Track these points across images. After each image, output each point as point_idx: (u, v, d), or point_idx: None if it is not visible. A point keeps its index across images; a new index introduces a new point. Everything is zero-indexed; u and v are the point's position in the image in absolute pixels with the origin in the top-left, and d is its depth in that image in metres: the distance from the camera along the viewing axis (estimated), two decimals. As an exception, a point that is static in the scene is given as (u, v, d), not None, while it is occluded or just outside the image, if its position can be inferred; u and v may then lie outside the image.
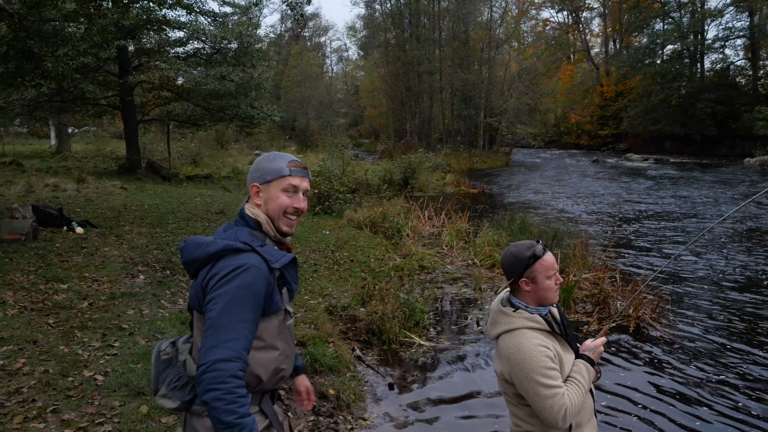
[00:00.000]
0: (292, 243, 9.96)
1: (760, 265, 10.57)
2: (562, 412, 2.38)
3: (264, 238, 1.98)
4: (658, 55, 50.19)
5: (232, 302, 1.74)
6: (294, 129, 48.68)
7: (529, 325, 2.52)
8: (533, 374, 2.41)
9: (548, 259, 2.55)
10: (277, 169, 2.03)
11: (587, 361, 2.59)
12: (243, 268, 1.79)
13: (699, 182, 25.36)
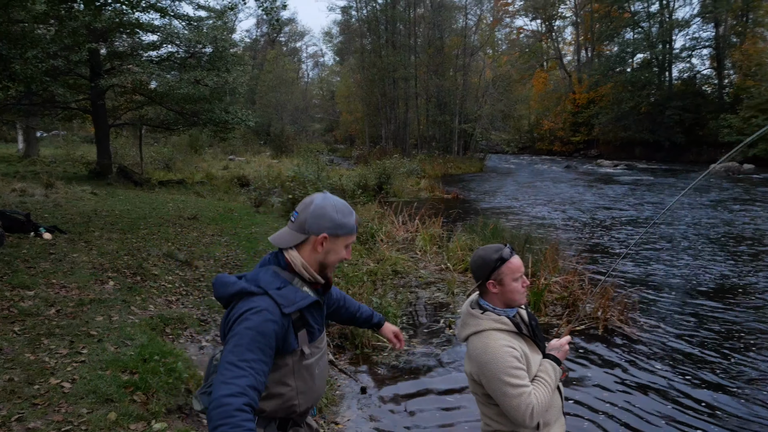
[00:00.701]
0: (266, 248, 9.93)
1: (729, 269, 10.80)
2: (529, 411, 2.43)
3: (291, 278, 2.07)
4: (628, 64, 51.12)
5: (240, 342, 1.85)
6: (269, 134, 48.46)
7: (496, 327, 2.56)
8: (500, 374, 2.45)
9: (515, 262, 2.60)
10: (350, 227, 2.14)
11: (553, 360, 2.64)
12: (253, 311, 1.90)
13: (667, 188, 25.84)
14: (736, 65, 43.82)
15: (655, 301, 8.70)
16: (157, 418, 3.91)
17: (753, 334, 7.26)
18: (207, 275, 8.00)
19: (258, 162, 32.02)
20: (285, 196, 14.55)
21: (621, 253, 7.03)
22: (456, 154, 41.10)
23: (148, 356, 4.67)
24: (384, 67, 43.15)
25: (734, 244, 13.04)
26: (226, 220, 12.66)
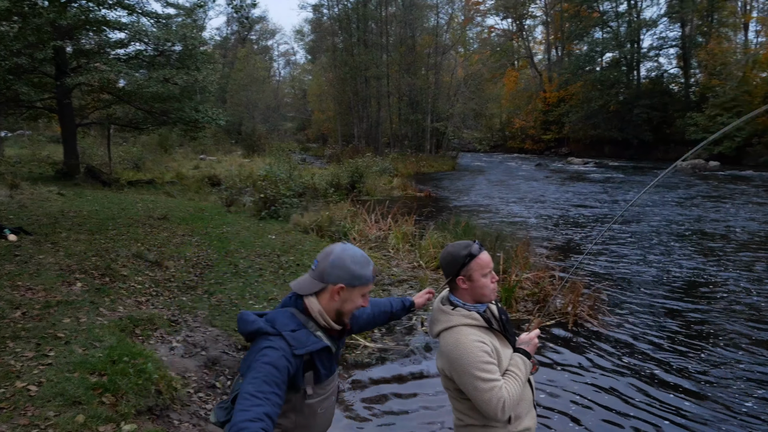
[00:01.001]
0: (238, 247, 9.88)
1: (696, 265, 11.04)
2: (500, 405, 2.46)
3: (306, 321, 2.23)
4: (597, 63, 51.85)
5: (258, 375, 2.01)
6: (240, 133, 48.05)
7: (466, 322, 2.59)
8: (471, 369, 2.48)
9: (484, 257, 2.63)
10: (367, 277, 2.27)
11: (524, 354, 2.68)
12: (270, 348, 2.07)
13: (636, 185, 26.29)
14: (701, 64, 44.74)
15: (625, 297, 8.86)
16: (127, 420, 3.87)
17: (718, 330, 7.44)
18: (177, 275, 7.92)
19: (229, 161, 31.73)
20: (257, 196, 14.45)
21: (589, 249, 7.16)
22: (428, 152, 41.25)
23: (117, 358, 4.61)
24: (356, 66, 43.09)
25: (702, 241, 13.33)
26: (196, 219, 12.54)
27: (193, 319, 6.22)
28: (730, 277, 9.93)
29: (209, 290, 7.42)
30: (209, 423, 4.44)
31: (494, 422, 2.60)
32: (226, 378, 5.25)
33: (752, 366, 6.25)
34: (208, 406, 4.75)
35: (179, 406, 4.48)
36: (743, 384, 5.82)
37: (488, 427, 2.62)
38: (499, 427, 2.61)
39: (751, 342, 6.92)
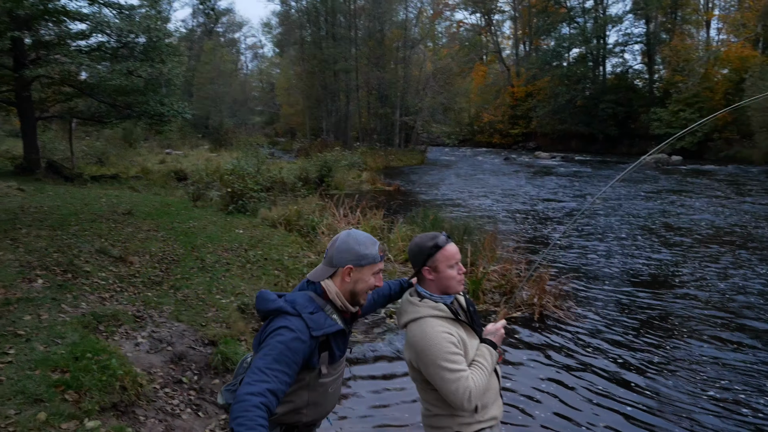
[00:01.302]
0: (204, 242, 9.77)
1: (661, 258, 11.29)
2: (467, 395, 2.49)
3: (324, 305, 2.33)
4: (564, 58, 52.54)
5: (270, 353, 2.10)
6: (207, 127, 47.43)
7: (433, 314, 2.61)
8: (437, 360, 2.51)
9: (450, 249, 2.65)
10: (373, 256, 2.39)
11: (490, 344, 2.71)
12: (286, 328, 2.16)
13: (602, 179, 26.74)
14: (665, 61, 45.63)
15: (590, 289, 9.02)
16: (90, 417, 3.82)
17: (681, 321, 7.63)
18: (142, 271, 7.80)
19: (196, 155, 31.29)
20: (224, 190, 14.29)
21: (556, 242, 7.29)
22: (397, 146, 41.30)
23: (80, 354, 4.53)
24: (324, 59, 42.88)
25: (666, 234, 13.63)
26: (162, 214, 12.36)
27: (158, 315, 6.14)
28: (693, 270, 10.18)
29: (175, 285, 7.33)
30: (174, 418, 4.41)
31: (461, 412, 2.63)
32: (193, 373, 5.20)
33: (714, 357, 6.43)
34: (174, 401, 4.70)
35: (145, 402, 4.42)
36: (705, 374, 5.99)
37: (455, 417, 2.65)
38: (466, 416, 2.65)
39: (714, 333, 7.11)
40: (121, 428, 3.82)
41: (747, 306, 8.16)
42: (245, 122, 57.26)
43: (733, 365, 6.15)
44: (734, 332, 7.12)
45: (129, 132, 31.80)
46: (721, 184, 23.74)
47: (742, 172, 28.86)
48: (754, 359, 6.30)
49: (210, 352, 5.51)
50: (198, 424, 4.54)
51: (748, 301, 8.35)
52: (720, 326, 7.33)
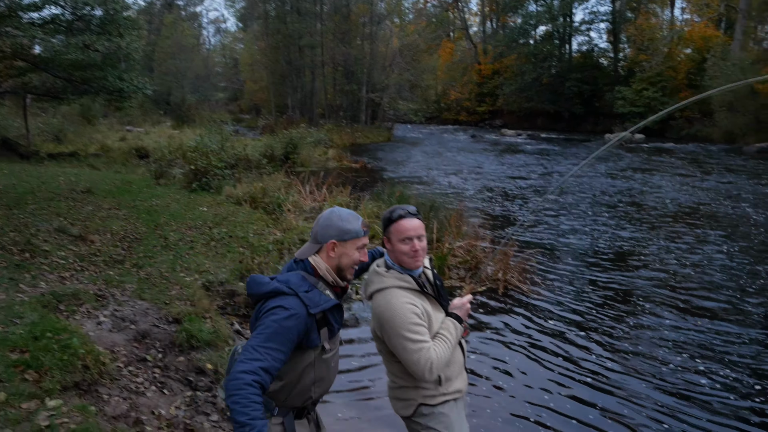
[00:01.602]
0: (168, 220, 9.62)
1: (625, 235, 11.52)
2: (428, 365, 2.51)
3: (317, 282, 2.37)
4: (531, 36, 52.72)
5: (264, 332, 2.14)
6: (169, 103, 46.37)
7: (398, 285, 2.63)
8: (400, 330, 2.52)
9: (403, 223, 2.63)
10: (356, 230, 2.42)
11: (455, 318, 2.73)
12: (280, 307, 2.20)
13: (567, 157, 27.08)
14: (630, 39, 46.15)
15: (555, 264, 9.18)
16: (52, 396, 3.75)
17: (644, 297, 7.82)
18: (104, 250, 7.65)
19: (158, 133, 30.63)
20: (187, 168, 14.06)
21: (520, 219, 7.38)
22: (364, 123, 41.05)
23: (39, 334, 4.43)
24: (289, 34, 42.14)
25: (630, 211, 13.91)
26: (123, 192, 12.11)
27: (121, 294, 6.04)
28: (656, 247, 10.43)
29: (138, 264, 7.21)
30: (139, 396, 4.36)
31: (425, 384, 2.66)
32: (157, 351, 5.14)
33: (676, 329, 6.62)
34: (138, 379, 4.65)
35: (108, 381, 4.36)
36: (666, 346, 6.16)
37: (419, 389, 2.68)
38: (431, 388, 2.67)
39: (675, 307, 7.32)
40: (84, 407, 3.76)
41: (708, 282, 8.41)
42: (208, 98, 56.11)
43: (694, 338, 6.34)
44: (695, 307, 7.34)
45: (87, 108, 30.88)
46: (683, 162, 24.28)
47: (703, 151, 29.54)
48: (713, 332, 6.51)
49: (174, 329, 5.45)
50: (163, 401, 4.50)
51: (709, 277, 8.61)
52: (681, 301, 7.55)
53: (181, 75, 47.85)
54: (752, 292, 7.85)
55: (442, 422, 2.68)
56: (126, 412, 4.05)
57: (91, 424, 3.52)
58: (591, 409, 4.85)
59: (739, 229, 11.84)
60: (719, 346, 6.09)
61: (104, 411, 3.93)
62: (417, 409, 2.69)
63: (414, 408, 2.70)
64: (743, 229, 11.85)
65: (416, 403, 2.69)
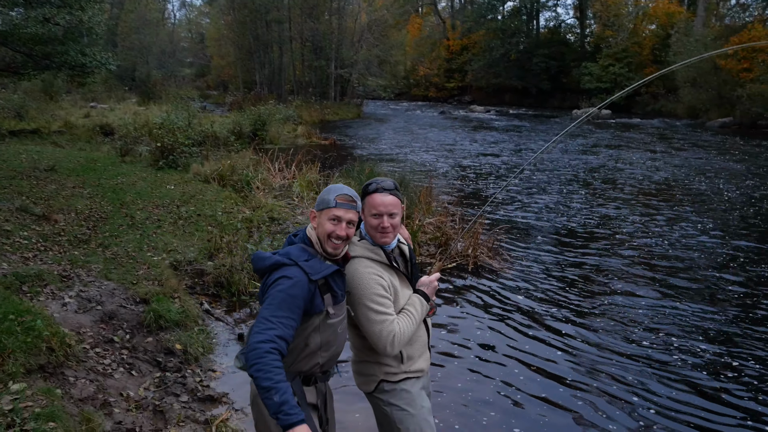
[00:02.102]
0: (134, 199, 9.46)
1: (594, 211, 11.68)
2: (390, 338, 2.52)
3: (315, 253, 2.49)
4: (499, 11, 52.60)
5: (273, 302, 2.27)
6: (134, 79, 45.30)
7: (368, 255, 2.63)
8: (365, 300, 2.54)
9: (375, 198, 2.61)
10: (326, 200, 2.49)
11: (422, 295, 2.75)
12: (284, 277, 2.32)
13: (534, 132, 27.27)
14: (596, 15, 46.39)
15: (526, 241, 9.29)
16: (15, 379, 3.68)
17: (613, 272, 7.97)
18: (68, 229, 7.50)
19: (123, 109, 29.89)
20: (153, 145, 13.79)
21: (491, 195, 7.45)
22: (333, 100, 40.71)
23: (1, 316, 4.33)
24: (256, 9, 41.36)
25: (598, 187, 14.10)
26: (88, 171, 11.86)
27: (86, 274, 5.94)
28: (626, 222, 10.62)
29: (104, 243, 7.09)
30: (106, 378, 4.32)
31: (387, 359, 2.67)
32: (125, 332, 5.09)
33: (646, 307, 6.76)
34: (106, 361, 4.60)
35: (75, 363, 4.30)
36: (636, 323, 6.30)
37: (382, 365, 2.70)
38: (393, 365, 2.69)
39: (645, 284, 7.47)
40: (49, 390, 3.71)
41: (677, 257, 8.60)
42: (174, 74, 54.96)
43: (665, 314, 6.49)
44: (665, 284, 7.50)
45: (49, 84, 29.99)
46: (651, 138, 24.68)
47: (668, 126, 30.02)
48: (683, 309, 6.67)
49: (142, 310, 5.39)
50: (131, 382, 4.47)
51: (680, 253, 8.80)
52: (651, 277, 7.71)
53: (145, 50, 46.71)
54: (720, 267, 8.06)
55: (403, 399, 2.70)
56: (93, 394, 4.01)
57: (57, 407, 3.48)
58: (559, 384, 4.94)
59: (707, 204, 12.10)
60: (690, 322, 6.25)
61: (70, 394, 3.89)
62: (378, 385, 2.72)
63: (375, 384, 2.72)
64: (711, 204, 12.12)
65: (377, 379, 2.71)
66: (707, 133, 26.66)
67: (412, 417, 2.71)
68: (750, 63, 29.36)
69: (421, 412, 2.73)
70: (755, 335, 5.81)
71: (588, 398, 4.71)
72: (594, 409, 4.56)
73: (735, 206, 11.84)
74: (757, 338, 5.75)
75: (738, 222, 10.56)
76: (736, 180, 14.71)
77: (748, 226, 10.28)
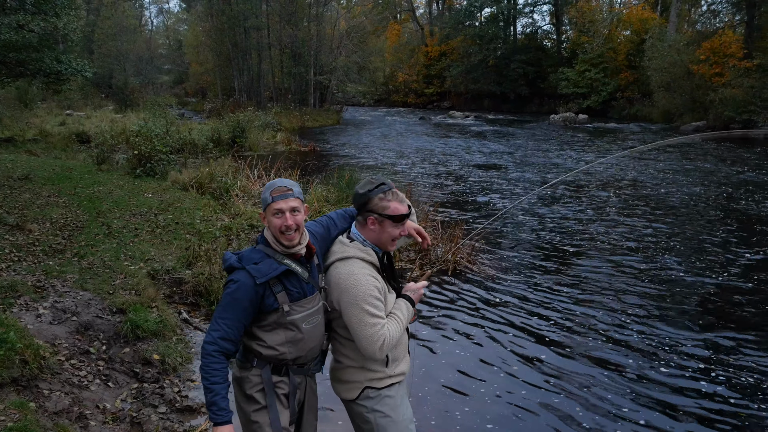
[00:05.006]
0: (111, 207, 9.35)
1: (572, 214, 11.77)
2: (380, 342, 2.53)
3: (274, 253, 2.55)
4: (476, 18, 52.94)
5: (221, 304, 2.49)
6: (111, 87, 44.81)
7: (361, 256, 2.64)
8: (360, 301, 2.53)
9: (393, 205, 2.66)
10: (265, 198, 2.56)
11: (408, 300, 2.76)
12: (232, 281, 2.50)
13: (513, 137, 27.47)
14: (572, 21, 46.93)
15: (505, 245, 9.34)
16: (-12, 393, 3.62)
17: (591, 276, 8.04)
18: (43, 239, 7.39)
19: (100, 117, 29.59)
20: (130, 153, 13.65)
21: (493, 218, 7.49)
22: (312, 106, 40.63)
23: (-27, 329, 4.26)
24: (234, 16, 41.16)
25: (577, 191, 14.22)
26: (63, 179, 11.71)
27: (61, 284, 5.86)
28: (603, 227, 10.71)
29: (79, 253, 7.00)
30: (82, 390, 4.26)
31: (372, 364, 2.67)
32: (101, 343, 5.02)
33: (615, 312, 6.83)
34: (82, 372, 4.54)
35: (49, 375, 4.24)
36: (611, 325, 6.37)
37: (366, 371, 2.70)
38: (379, 370, 2.69)
39: (622, 288, 7.54)
40: (22, 403, 3.65)
41: (658, 261, 8.70)
42: (152, 81, 54.53)
43: (639, 314, 6.56)
44: (642, 286, 7.58)
45: (24, 91, 29.54)
46: (632, 142, 24.94)
47: (644, 130, 30.42)
48: (657, 310, 6.75)
49: (119, 320, 5.33)
50: (108, 394, 4.41)
51: (658, 258, 8.90)
52: (623, 281, 7.79)
53: (123, 57, 46.20)
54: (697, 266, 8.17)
55: (387, 405, 2.71)
56: (68, 407, 3.95)
57: (30, 421, 3.42)
58: (532, 383, 5.02)
59: (687, 208, 12.24)
60: (662, 324, 6.33)
61: (45, 407, 3.83)
62: (362, 392, 2.71)
63: (359, 391, 2.71)
64: (690, 209, 12.26)
65: (362, 386, 2.70)
66: (681, 136, 27.08)
67: (395, 424, 2.71)
68: (721, 68, 29.88)
69: (403, 420, 2.75)
70: (745, 345, 5.89)
71: (561, 397, 4.80)
72: (567, 405, 4.67)
73: (710, 210, 12.01)
74: (749, 348, 5.84)
75: (710, 224, 10.72)
76: (708, 183, 14.92)
77: (725, 229, 10.43)
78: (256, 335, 2.58)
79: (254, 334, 2.58)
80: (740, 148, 22.10)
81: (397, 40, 60.37)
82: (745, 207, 12.05)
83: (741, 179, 15.30)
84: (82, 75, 19.41)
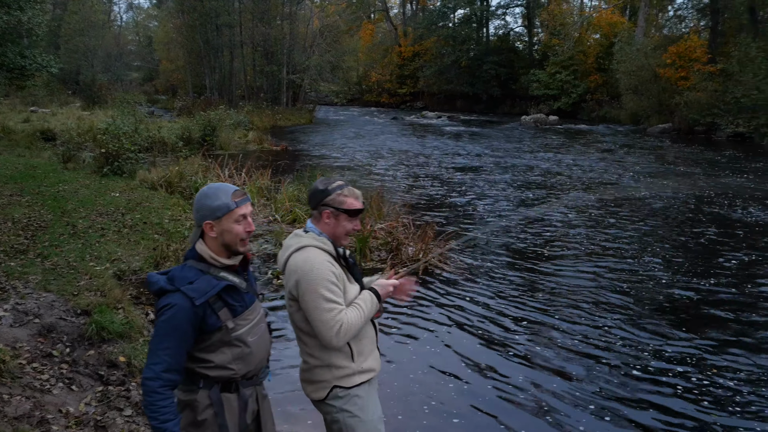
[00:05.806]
0: (76, 207, 9.17)
1: (543, 214, 11.89)
2: (336, 327, 2.51)
3: (208, 268, 2.35)
4: (450, 19, 53.25)
5: (158, 333, 2.24)
6: (78, 83, 43.99)
7: (317, 245, 2.65)
8: (317, 286, 2.53)
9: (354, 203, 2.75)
10: (224, 205, 2.34)
11: (375, 294, 2.75)
12: (167, 306, 2.24)
13: (485, 137, 27.69)
14: (543, 24, 47.55)
15: (476, 245, 9.39)
16: (-56, 399, 3.51)
17: (563, 277, 8.12)
18: (4, 239, 7.21)
19: (66, 114, 29.02)
20: (98, 151, 13.42)
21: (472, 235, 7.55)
22: (285, 105, 40.38)
23: (-70, 332, 4.13)
24: (206, 12, 40.69)
25: (550, 193, 14.36)
26: (27, 178, 11.45)
27: (23, 286, 5.72)
28: (577, 227, 10.84)
29: (43, 253, 6.84)
30: (44, 394, 4.16)
31: (337, 359, 2.65)
32: (65, 345, 4.91)
33: (587, 313, 6.91)
34: (44, 376, 4.43)
35: (9, 379, 4.13)
36: (584, 322, 6.44)
37: (332, 368, 2.68)
38: (345, 366, 2.67)
39: (595, 288, 7.64)
40: (-19, 409, 3.55)
41: (626, 262, 8.83)
42: (121, 78, 53.66)
43: (610, 320, 6.65)
44: (614, 289, 7.69)
45: (-15, 87, 28.83)
46: (597, 144, 25.32)
47: (612, 132, 30.94)
48: (630, 311, 6.85)
49: (83, 322, 5.21)
50: (71, 398, 4.31)
51: (629, 260, 9.03)
52: (602, 286, 7.89)
53: (90, 53, 45.36)
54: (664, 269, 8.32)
55: (356, 404, 2.69)
56: (29, 411, 3.85)
57: (-11, 427, 3.33)
58: (500, 379, 5.08)
59: (657, 209, 12.45)
60: (634, 326, 6.43)
61: (4, 412, 3.73)
62: (331, 392, 2.69)
63: (327, 390, 2.69)
64: (661, 210, 12.48)
65: (330, 385, 2.68)
66: (650, 139, 27.61)
67: (363, 424, 2.70)
68: (687, 72, 30.54)
69: (372, 419, 2.74)
70: (723, 348, 6.01)
71: (528, 394, 4.85)
72: (533, 401, 4.73)
73: (678, 210, 12.25)
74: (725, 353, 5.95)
75: (680, 227, 10.93)
76: (673, 183, 15.22)
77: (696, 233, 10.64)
78: (200, 357, 2.37)
79: (197, 357, 2.36)
80: (708, 150, 22.59)
81: (371, 40, 60.40)
82: (718, 210, 12.31)
83: (712, 182, 15.64)
84: (48, 71, 19.07)
